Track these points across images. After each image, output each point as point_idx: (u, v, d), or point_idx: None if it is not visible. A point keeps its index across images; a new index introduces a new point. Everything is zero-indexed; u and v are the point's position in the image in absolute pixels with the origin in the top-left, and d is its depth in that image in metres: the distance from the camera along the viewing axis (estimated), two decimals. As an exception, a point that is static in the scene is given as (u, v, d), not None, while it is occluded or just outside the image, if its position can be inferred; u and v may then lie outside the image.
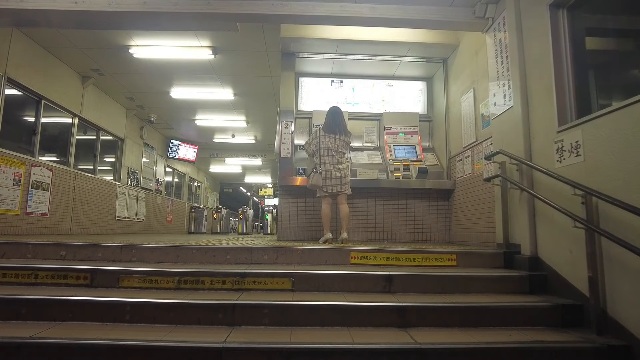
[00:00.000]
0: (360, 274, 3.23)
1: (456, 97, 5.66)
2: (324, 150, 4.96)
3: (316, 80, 6.53)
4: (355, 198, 5.65)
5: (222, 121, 11.01)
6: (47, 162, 7.04)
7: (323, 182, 4.87)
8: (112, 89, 8.75)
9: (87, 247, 3.62)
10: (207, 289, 3.11)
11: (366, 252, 3.62)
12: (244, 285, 3.12)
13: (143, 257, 3.60)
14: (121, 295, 2.92)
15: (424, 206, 5.78)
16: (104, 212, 8.94)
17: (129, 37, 6.37)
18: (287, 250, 3.60)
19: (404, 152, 5.96)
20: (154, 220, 12.03)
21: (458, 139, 5.53)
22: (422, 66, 6.36)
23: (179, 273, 3.15)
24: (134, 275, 3.14)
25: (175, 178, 15.02)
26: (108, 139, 9.63)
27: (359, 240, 5.61)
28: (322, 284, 3.15)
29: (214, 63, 7.22)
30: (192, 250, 3.60)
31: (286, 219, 5.69)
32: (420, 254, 3.66)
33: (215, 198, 21.58)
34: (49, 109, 7.20)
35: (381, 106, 6.54)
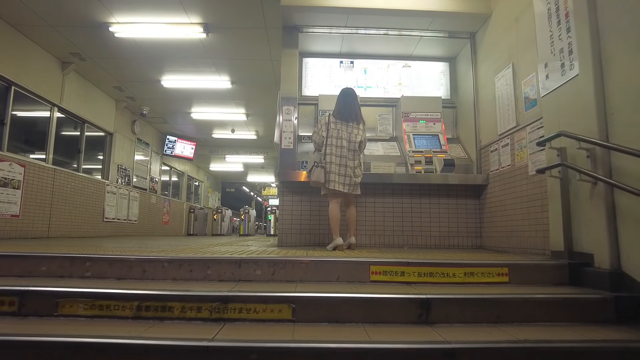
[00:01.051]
0: (387, 297, 2.37)
1: (488, 77, 4.79)
2: (332, 139, 4.10)
3: (323, 61, 5.67)
4: (368, 196, 4.80)
5: (220, 114, 10.19)
6: (19, 156, 6.22)
7: (326, 178, 4.03)
8: (98, 77, 7.94)
9: (27, 259, 2.79)
10: (176, 319, 2.27)
11: (391, 264, 2.76)
12: (227, 314, 2.27)
13: (100, 271, 2.76)
14: (55, 329, 2.09)
15: (450, 205, 4.91)
16: (89, 213, 8.14)
17: (108, 12, 5.56)
18: (287, 262, 2.75)
19: (425, 142, 5.09)
20: (148, 221, 11.23)
21: (491, 125, 4.66)
22: (445, 44, 5.49)
23: (140, 297, 2.31)
24: (79, 300, 2.30)
25: (173, 177, 14.24)
26: (96, 133, 8.83)
27: (372, 246, 4.76)
28: (333, 312, 2.29)
29: (207, 44, 6.39)
30: (162, 264, 2.76)
31: (288, 221, 4.84)
32: (461, 268, 2.80)
33: (216, 198, 20.79)
34: (21, 97, 6.40)
35: (397, 90, 5.68)
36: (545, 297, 2.44)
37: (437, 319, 2.31)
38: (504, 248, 4.31)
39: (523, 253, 3.88)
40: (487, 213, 4.74)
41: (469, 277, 2.81)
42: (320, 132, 4.16)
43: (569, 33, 3.08)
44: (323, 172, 4.03)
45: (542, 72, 3.44)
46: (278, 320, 2.27)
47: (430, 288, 2.63)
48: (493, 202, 4.59)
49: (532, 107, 3.82)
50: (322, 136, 4.14)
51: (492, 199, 4.61)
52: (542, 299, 2.42)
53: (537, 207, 3.70)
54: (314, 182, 4.13)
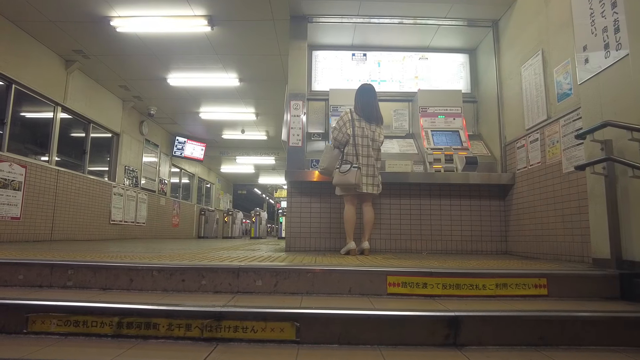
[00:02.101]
0: (408, 315, 2.01)
1: (513, 68, 4.40)
2: (358, 139, 3.78)
3: (333, 53, 5.33)
4: (383, 197, 4.44)
5: (229, 114, 9.93)
6: (19, 157, 6.01)
7: (359, 180, 3.72)
8: (102, 76, 7.73)
9: (2, 267, 2.50)
10: (162, 338, 1.94)
11: (411, 274, 2.40)
12: (220, 333, 1.94)
13: (82, 280, 2.46)
14: (21, 350, 1.78)
15: (472, 207, 4.52)
16: (95, 216, 7.92)
17: (108, 5, 5.31)
18: (292, 272, 2.41)
19: (445, 139, 4.71)
20: (157, 223, 11.01)
21: (517, 120, 4.27)
22: (464, 33, 5.11)
23: (122, 311, 1.99)
24: (52, 315, 2.00)
25: (184, 179, 14.04)
26: (102, 134, 8.63)
27: (387, 252, 4.40)
28: (345, 332, 1.94)
29: (213, 38, 6.11)
30: (152, 272, 2.44)
31: (296, 224, 4.50)
32: (492, 278, 2.42)
33: (228, 200, 20.59)
34: (23, 96, 6.20)
35: (413, 84, 5.31)
36: (596, 316, 2.05)
37: (468, 340, 1.95)
38: (534, 254, 3.90)
39: (557, 260, 3.48)
40: (513, 215, 4.34)
41: (502, 290, 2.43)
42: (345, 130, 3.83)
43: (614, 8, 2.69)
44: (360, 174, 3.70)
45: (581, 56, 3.05)
46: (279, 341, 1.93)
47: (458, 303, 2.27)
48: (520, 204, 4.19)
49: (567, 97, 3.43)
50: (347, 134, 3.82)
51: (520, 200, 4.21)
52: (593, 318, 2.03)
53: (573, 208, 3.30)
54: (344, 184, 3.78)
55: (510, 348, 1.92)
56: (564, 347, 1.94)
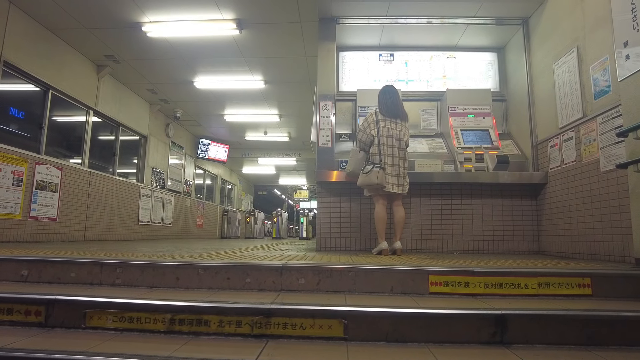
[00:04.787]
0: (454, 313, 2.02)
1: (545, 65, 4.35)
2: (383, 139, 3.81)
3: (361, 54, 5.36)
4: (413, 197, 4.45)
5: (253, 115, 10.05)
6: (56, 160, 6.23)
7: (382, 180, 3.73)
8: (131, 80, 7.93)
9: (56, 265, 2.61)
10: (213, 334, 2.01)
11: (453, 274, 2.41)
12: (269, 330, 1.99)
13: (130, 278, 2.55)
14: (82, 344, 1.87)
15: (504, 206, 4.48)
16: (124, 216, 8.13)
17: (141, 11, 5.45)
18: (334, 271, 2.45)
19: (474, 138, 4.68)
20: (183, 224, 11.22)
21: (550, 118, 4.22)
22: (493, 32, 5.06)
23: (173, 308, 2.06)
24: (107, 311, 2.09)
25: (207, 180, 14.26)
26: (130, 137, 8.85)
27: (418, 252, 4.40)
28: (392, 330, 1.97)
29: (240, 41, 6.21)
30: (197, 270, 2.52)
31: (326, 224, 4.54)
32: (534, 277, 2.41)
33: (249, 201, 20.80)
34: (58, 100, 6.42)
35: (441, 83, 5.29)
36: (644, 315, 2.03)
37: (515, 338, 1.95)
38: (569, 254, 3.85)
39: (595, 260, 3.42)
40: (546, 215, 4.28)
41: (544, 289, 2.42)
42: (369, 131, 3.87)
43: (657, 4, 2.65)
44: (383, 174, 3.72)
45: (621, 52, 3.01)
46: (328, 337, 1.97)
47: (501, 301, 2.27)
48: (554, 203, 4.13)
49: (604, 95, 3.37)
50: (371, 135, 3.85)
51: (553, 199, 4.15)
52: None
53: (612, 207, 3.25)
54: (369, 184, 3.80)
55: (558, 347, 1.92)
56: (614, 348, 1.93)
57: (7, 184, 5.22)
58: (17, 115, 5.73)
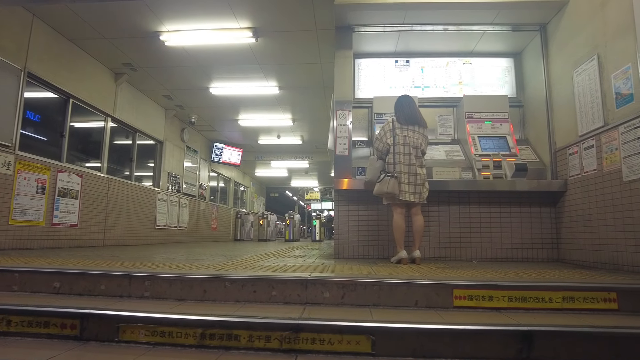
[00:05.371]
0: (479, 329, 2.04)
1: (564, 72, 4.33)
2: (399, 147, 3.82)
3: (376, 61, 5.38)
4: (431, 205, 4.45)
5: (266, 120, 10.13)
6: (76, 167, 6.37)
7: (394, 188, 3.75)
8: (148, 87, 8.06)
9: (86, 277, 2.69)
10: (243, 349, 2.05)
11: (477, 287, 2.43)
12: (298, 345, 2.03)
13: (159, 291, 2.61)
14: (117, 358, 1.93)
15: (523, 214, 4.47)
16: (141, 221, 8.26)
17: (159, 21, 5.55)
18: (359, 285, 2.48)
19: (492, 145, 4.68)
20: (198, 227, 11.35)
21: (569, 125, 4.20)
22: (510, 38, 5.05)
23: (204, 323, 2.11)
24: (140, 325, 2.15)
25: (221, 183, 14.39)
26: (147, 142, 8.98)
27: (437, 260, 4.41)
28: (419, 346, 2.00)
29: (256, 49, 6.27)
30: (224, 283, 2.57)
31: (344, 232, 4.58)
32: (559, 291, 2.42)
33: (261, 203, 20.93)
34: (78, 108, 6.55)
35: (457, 89, 5.29)
36: (675, 332, 2.02)
37: (541, 355, 1.96)
38: (590, 263, 3.83)
39: (618, 270, 3.40)
40: (565, 223, 4.26)
41: (569, 303, 2.42)
42: (385, 140, 3.89)
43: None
44: (397, 183, 3.74)
45: (643, 62, 2.99)
46: (356, 353, 2.00)
47: (525, 316, 2.28)
48: (574, 211, 4.11)
49: (627, 104, 3.36)
50: (387, 144, 3.87)
51: (573, 207, 4.13)
52: (672, 334, 2.01)
53: (636, 217, 3.23)
54: (384, 192, 3.82)
55: (587, 365, 1.93)
56: (643, 366, 1.93)
57: (31, 192, 5.35)
58: (40, 124, 5.86)
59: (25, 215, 5.27)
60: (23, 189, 5.24)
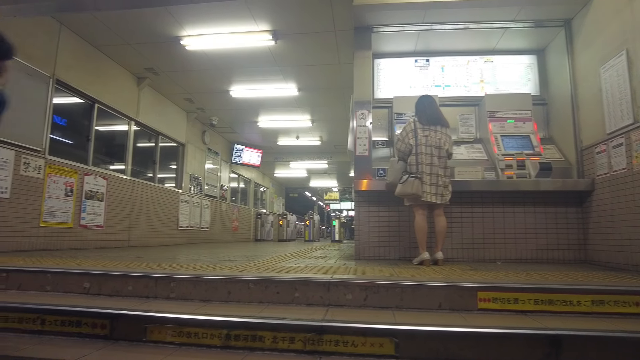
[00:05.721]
0: (504, 332, 2.01)
1: (590, 69, 4.22)
2: (421, 147, 3.79)
3: (396, 60, 5.35)
4: (453, 205, 4.39)
5: (285, 121, 10.19)
6: (102, 170, 6.54)
7: (418, 189, 3.72)
8: (170, 90, 8.21)
9: (115, 278, 2.76)
10: (267, 350, 2.08)
11: (502, 290, 2.39)
12: (322, 346, 2.04)
13: (184, 292, 2.67)
14: (146, 358, 1.98)
15: (548, 214, 4.37)
16: (165, 222, 8.42)
17: (180, 26, 5.65)
18: (381, 287, 2.48)
19: (515, 144, 4.59)
20: (219, 228, 11.51)
21: (596, 123, 4.09)
22: (532, 34, 4.95)
23: (229, 324, 2.15)
24: (167, 326, 2.20)
25: (241, 184, 14.55)
26: (169, 144, 9.15)
27: (460, 261, 4.35)
28: (442, 349, 1.98)
29: (275, 51, 6.32)
30: (248, 285, 2.61)
31: (365, 233, 4.57)
32: (588, 295, 2.36)
33: (281, 203, 21.06)
34: (103, 113, 6.73)
35: (479, 88, 5.22)
36: None
37: (571, 361, 1.92)
38: (620, 265, 3.72)
39: (650, 272, 3.30)
40: (593, 223, 4.15)
41: (598, 306, 2.36)
42: (407, 140, 3.86)
43: None
44: (420, 184, 3.71)
45: (675, 58, 2.89)
46: (379, 355, 2.00)
47: (552, 319, 2.24)
48: (602, 211, 4.01)
49: (657, 100, 3.25)
50: (409, 144, 3.84)
51: (601, 207, 4.02)
52: None
53: (668, 218, 3.12)
54: (406, 194, 3.80)
55: (619, 371, 1.88)
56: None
57: (60, 194, 5.53)
58: (67, 128, 6.05)
59: (55, 217, 5.44)
60: (52, 192, 5.41)
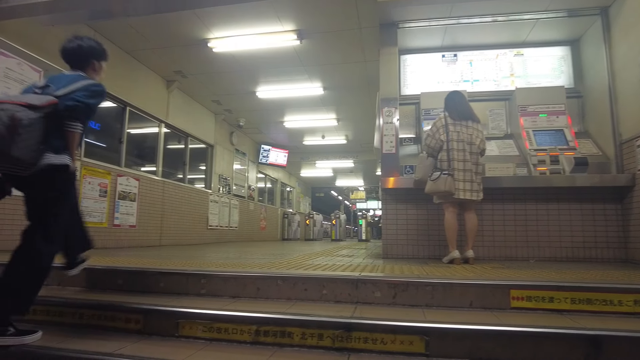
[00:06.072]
0: (539, 331, 1.95)
1: (630, 58, 4.04)
2: (453, 143, 3.71)
3: (422, 56, 5.27)
4: (484, 203, 4.27)
5: (311, 121, 10.22)
6: (134, 171, 6.74)
7: (451, 187, 3.64)
8: (198, 93, 8.38)
9: (147, 275, 2.84)
10: (296, 346, 2.09)
11: (536, 288, 2.31)
12: (350, 343, 2.04)
13: (214, 289, 2.71)
14: (178, 353, 2.02)
15: (584, 211, 4.20)
16: (195, 222, 8.60)
17: (207, 29, 5.76)
18: (410, 285, 2.44)
19: (548, 139, 4.45)
20: (248, 227, 11.67)
21: (636, 115, 3.92)
22: (566, 24, 4.77)
23: (258, 320, 2.17)
24: (197, 322, 2.24)
25: (268, 184, 14.70)
26: (198, 146, 9.34)
27: (491, 260, 4.25)
28: (475, 348, 1.94)
29: (300, 50, 6.35)
30: (276, 281, 2.62)
31: (393, 231, 4.52)
32: (630, 294, 2.25)
33: (307, 203, 21.14)
34: (134, 116, 6.93)
35: (509, 82, 5.07)
36: None
37: (611, 363, 1.84)
38: (663, 263, 3.54)
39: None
40: (635, 220, 3.96)
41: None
42: (438, 136, 3.78)
43: None
44: (452, 181, 3.63)
45: None
46: (409, 353, 1.98)
47: (591, 319, 2.15)
48: (644, 207, 3.82)
49: (703, 89, 3.07)
50: (440, 140, 3.76)
51: (642, 202, 3.84)
52: None
53: None
54: (438, 191, 3.73)
55: (664, 374, 1.79)
56: None
57: (95, 195, 5.73)
58: (100, 131, 6.26)
59: (90, 217, 5.64)
60: (88, 193, 5.62)
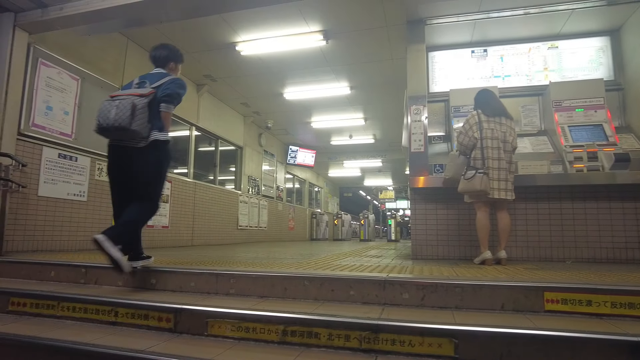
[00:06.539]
0: (576, 336, 1.86)
1: (673, 47, 3.81)
2: (487, 141, 3.61)
3: (451, 52, 5.17)
4: (517, 201, 4.14)
5: (338, 121, 10.21)
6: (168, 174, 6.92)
7: (486, 186, 3.55)
8: (227, 96, 8.53)
9: (178, 275, 2.91)
10: (323, 346, 2.08)
11: (572, 290, 2.22)
12: (378, 345, 2.01)
13: (243, 288, 2.75)
14: (207, 352, 2.06)
15: (626, 210, 4.00)
16: (225, 222, 8.76)
17: (234, 32, 5.85)
18: (439, 286, 2.39)
19: (585, 135, 4.26)
20: (276, 227, 11.78)
21: (681, 107, 3.68)
22: (604, 13, 4.56)
23: (286, 320, 2.18)
24: (226, 321, 2.27)
25: (296, 184, 14.79)
26: (227, 148, 9.51)
27: (525, 261, 4.11)
28: (506, 351, 1.88)
29: (326, 51, 6.35)
30: (303, 282, 2.63)
31: (422, 231, 4.45)
32: (675, 297, 2.13)
33: (335, 203, 21.12)
34: (166, 119, 7.10)
35: (542, 76, 4.90)
36: None
37: (656, 370, 1.74)
38: None
39: None
40: (681, 218, 3.75)
41: (688, 311, 2.12)
42: (472, 134, 3.68)
43: None
44: (487, 180, 3.54)
45: None
46: (437, 356, 1.94)
47: (634, 325, 2.04)
48: (691, 205, 3.60)
49: None
50: (474, 137, 3.66)
51: (690, 200, 3.62)
52: None
53: None
54: (470, 190, 3.65)
55: None
56: None
57: (129, 197, 5.91)
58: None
59: (126, 219, 5.82)
60: (123, 195, 5.80)
